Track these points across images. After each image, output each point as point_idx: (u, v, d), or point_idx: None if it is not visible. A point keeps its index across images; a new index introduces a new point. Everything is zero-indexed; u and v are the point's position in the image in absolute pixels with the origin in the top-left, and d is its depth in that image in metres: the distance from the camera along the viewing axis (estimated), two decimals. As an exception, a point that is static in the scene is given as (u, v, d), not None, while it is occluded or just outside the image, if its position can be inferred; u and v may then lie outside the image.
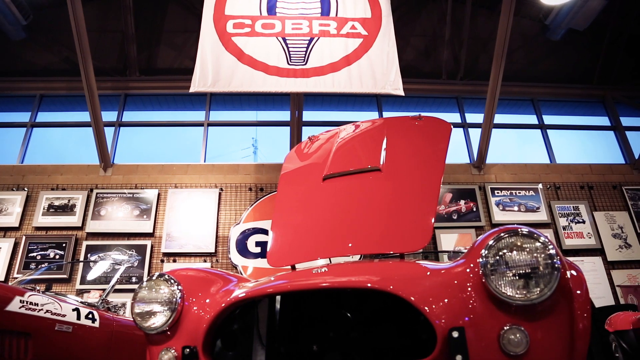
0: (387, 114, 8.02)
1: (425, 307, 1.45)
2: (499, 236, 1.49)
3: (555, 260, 1.39)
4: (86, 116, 6.52)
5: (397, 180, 2.37)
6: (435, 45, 8.23)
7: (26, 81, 7.85)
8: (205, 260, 6.35)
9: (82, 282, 6.05)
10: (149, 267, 6.26)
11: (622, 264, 6.58)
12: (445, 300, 1.48)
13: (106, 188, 6.78)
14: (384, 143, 2.58)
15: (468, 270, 1.55)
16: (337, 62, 5.40)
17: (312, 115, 7.91)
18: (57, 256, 6.24)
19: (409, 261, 1.99)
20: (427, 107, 8.35)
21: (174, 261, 6.33)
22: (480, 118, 7.03)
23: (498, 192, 6.98)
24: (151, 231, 6.46)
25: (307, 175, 2.74)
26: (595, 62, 8.31)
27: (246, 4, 5.71)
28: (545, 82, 8.34)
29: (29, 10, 7.30)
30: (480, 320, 1.43)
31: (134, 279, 6.13)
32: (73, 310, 3.05)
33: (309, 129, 7.27)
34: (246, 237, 6.47)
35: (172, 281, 1.89)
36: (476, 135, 7.33)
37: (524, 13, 7.91)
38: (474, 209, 6.82)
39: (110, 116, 7.58)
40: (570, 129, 8.30)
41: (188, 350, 1.72)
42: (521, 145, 8.44)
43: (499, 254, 1.46)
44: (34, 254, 6.23)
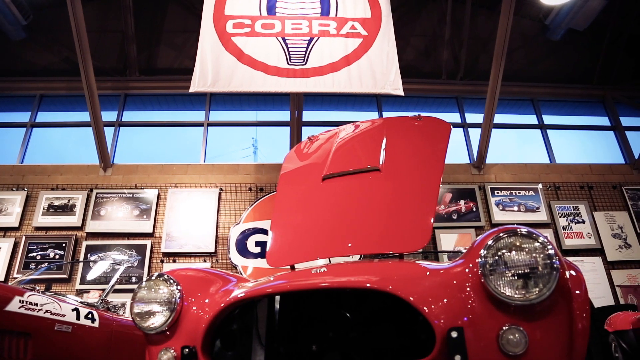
0: (387, 114, 8.02)
1: (424, 307, 1.45)
2: (498, 236, 1.49)
3: (554, 261, 1.39)
4: (86, 116, 6.52)
5: (396, 180, 2.37)
6: (435, 45, 8.23)
7: (26, 81, 7.85)
8: (205, 260, 6.35)
9: (81, 282, 6.06)
10: (149, 267, 6.26)
11: (621, 264, 6.58)
12: (444, 300, 1.48)
13: (106, 188, 6.78)
14: (383, 143, 2.58)
15: (467, 270, 1.54)
16: (337, 62, 5.40)
17: (312, 115, 7.91)
18: (57, 256, 6.24)
19: (408, 261, 2.00)
20: (427, 107, 8.34)
21: (174, 261, 6.33)
22: (480, 118, 7.03)
23: (498, 192, 6.97)
24: (151, 231, 6.46)
25: (307, 175, 2.75)
26: (595, 62, 8.31)
27: (246, 4, 5.71)
28: (545, 82, 8.34)
29: (29, 10, 7.30)
30: (479, 320, 1.43)
31: (133, 279, 6.13)
32: (73, 310, 3.05)
33: (308, 129, 7.27)
34: (246, 237, 6.47)
35: (172, 281, 1.89)
36: (476, 135, 7.33)
37: (523, 13, 7.91)
38: (474, 209, 6.82)
39: (110, 116, 7.58)
40: (570, 129, 8.29)
41: (187, 350, 1.72)
42: (521, 145, 8.44)
43: (498, 254, 1.46)
44: (34, 254, 6.23)
